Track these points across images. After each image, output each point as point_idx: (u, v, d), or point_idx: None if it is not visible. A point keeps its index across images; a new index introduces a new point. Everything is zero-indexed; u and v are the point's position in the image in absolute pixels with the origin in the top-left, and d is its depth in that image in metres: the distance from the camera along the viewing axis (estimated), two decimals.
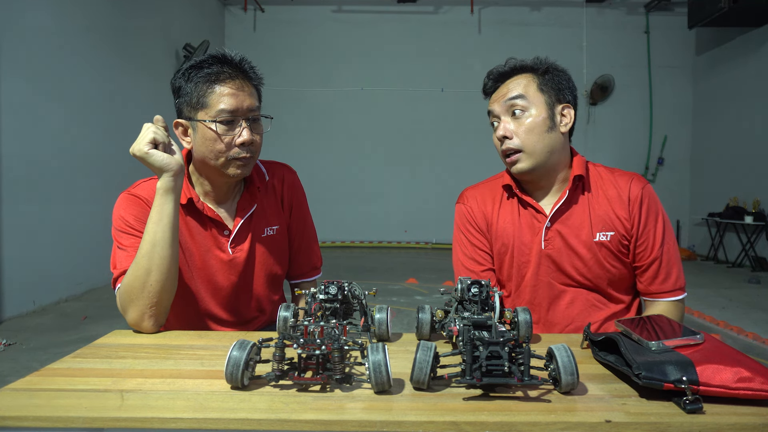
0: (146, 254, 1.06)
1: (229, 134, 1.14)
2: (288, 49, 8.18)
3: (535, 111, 1.20)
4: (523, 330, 0.94)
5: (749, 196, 6.53)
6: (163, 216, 1.07)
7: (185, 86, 1.16)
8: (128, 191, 1.22)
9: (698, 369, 0.71)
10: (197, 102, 1.14)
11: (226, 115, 1.13)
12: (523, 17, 8.21)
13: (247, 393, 0.75)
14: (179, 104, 1.19)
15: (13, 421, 0.67)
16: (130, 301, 1.06)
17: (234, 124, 1.15)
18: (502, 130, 1.21)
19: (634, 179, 1.24)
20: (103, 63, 5.01)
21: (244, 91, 1.15)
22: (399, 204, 8.28)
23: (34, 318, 3.87)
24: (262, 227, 1.29)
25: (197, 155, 1.19)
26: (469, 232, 1.34)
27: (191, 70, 1.16)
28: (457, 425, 0.66)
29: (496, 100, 1.24)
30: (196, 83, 1.15)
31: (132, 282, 1.06)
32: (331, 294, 0.97)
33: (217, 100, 1.13)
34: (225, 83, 1.14)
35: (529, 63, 1.24)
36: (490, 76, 1.27)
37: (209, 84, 1.14)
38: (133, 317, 1.06)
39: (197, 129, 1.16)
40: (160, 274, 1.06)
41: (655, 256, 1.21)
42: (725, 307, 4.36)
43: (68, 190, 4.50)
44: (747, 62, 6.75)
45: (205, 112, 1.14)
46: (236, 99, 1.14)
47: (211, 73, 1.14)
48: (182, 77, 1.17)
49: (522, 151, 1.20)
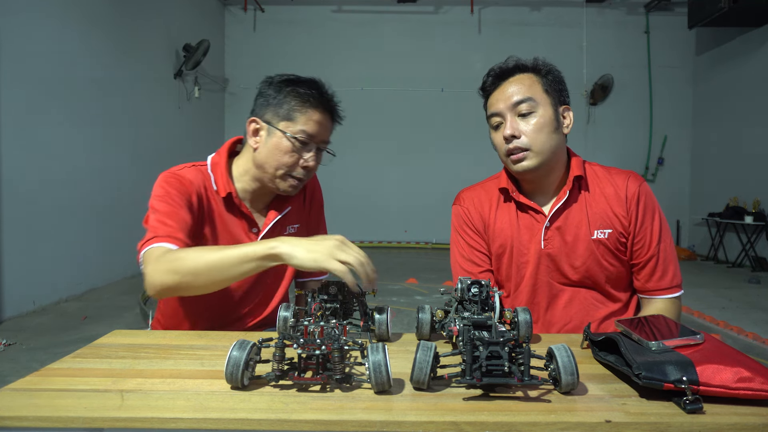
0: (206, 267, 1.00)
1: (300, 153, 1.20)
2: (288, 49, 8.18)
3: (542, 111, 1.19)
4: (523, 330, 0.94)
5: (749, 196, 6.53)
6: (245, 261, 0.99)
7: (276, 94, 1.21)
8: (171, 171, 1.21)
9: (698, 369, 0.71)
10: (286, 113, 1.19)
11: (305, 136, 1.19)
12: (523, 17, 8.21)
13: (247, 393, 0.75)
14: (261, 107, 1.23)
15: (13, 421, 0.67)
16: (160, 267, 1.01)
17: (307, 146, 1.21)
18: (510, 129, 1.19)
19: (631, 177, 1.25)
20: (103, 63, 5.01)
21: (328, 124, 1.24)
22: (399, 204, 8.28)
23: (34, 318, 3.87)
24: (285, 225, 1.34)
25: (260, 158, 1.22)
26: (466, 234, 1.34)
27: (288, 83, 1.21)
28: (457, 425, 0.66)
29: (501, 100, 1.22)
30: (292, 96, 1.19)
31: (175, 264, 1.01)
32: (331, 294, 0.97)
33: (305, 120, 1.19)
34: (318, 110, 1.20)
35: (530, 63, 1.24)
36: (490, 74, 1.26)
37: (304, 103, 1.19)
38: (154, 284, 1.02)
39: (273, 135, 1.20)
40: (198, 284, 1.01)
41: (652, 254, 1.22)
42: (725, 307, 4.36)
43: (68, 190, 4.49)
44: (747, 62, 6.75)
45: (288, 125, 1.19)
46: (320, 127, 1.21)
47: (309, 95, 1.20)
48: (275, 86, 1.22)
49: (529, 149, 1.19)
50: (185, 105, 6.85)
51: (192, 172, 1.22)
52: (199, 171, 1.24)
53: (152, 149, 5.92)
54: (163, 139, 6.21)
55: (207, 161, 1.27)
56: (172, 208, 1.13)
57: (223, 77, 8.23)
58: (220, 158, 1.27)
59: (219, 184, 1.23)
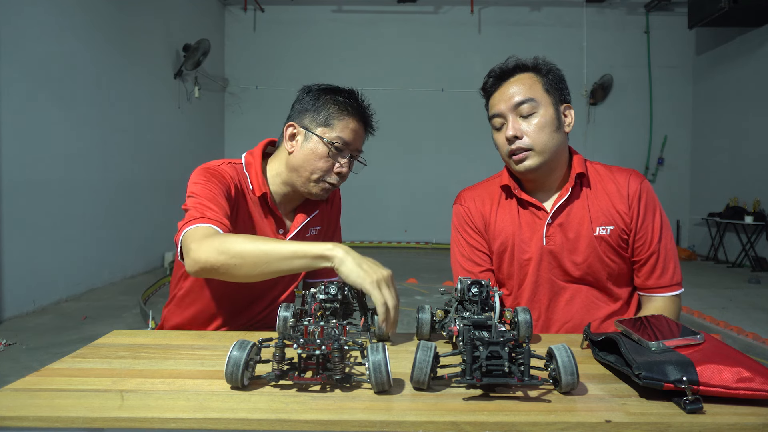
0: (256, 254, 0.99)
1: (335, 159, 1.23)
2: (288, 49, 8.18)
3: (543, 111, 1.20)
4: (523, 330, 0.94)
5: (749, 196, 6.53)
6: (297, 257, 0.99)
7: (315, 102, 1.24)
8: (208, 165, 1.22)
9: (698, 369, 0.71)
10: (324, 120, 1.23)
11: (341, 143, 1.22)
12: (523, 17, 8.21)
13: (247, 393, 0.75)
14: (299, 112, 1.26)
15: (13, 421, 0.67)
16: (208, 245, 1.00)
17: (342, 153, 1.24)
18: (512, 129, 1.20)
19: (633, 175, 1.26)
20: (104, 63, 5.01)
21: (362, 133, 1.28)
22: (399, 204, 8.29)
23: (34, 318, 3.87)
24: (308, 227, 1.36)
25: (295, 162, 1.24)
26: (466, 233, 1.35)
27: (326, 92, 1.25)
28: (457, 425, 0.66)
29: (502, 101, 1.22)
30: (331, 104, 1.23)
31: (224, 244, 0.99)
32: (331, 294, 0.97)
33: (342, 127, 1.22)
34: (354, 119, 1.24)
35: (530, 63, 1.24)
36: (491, 75, 1.26)
37: (342, 112, 1.23)
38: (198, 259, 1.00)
39: (310, 141, 1.23)
40: (243, 271, 1.00)
41: (652, 251, 1.22)
42: (725, 307, 4.36)
43: (68, 190, 4.49)
44: (747, 62, 6.75)
45: (324, 131, 1.22)
46: (356, 135, 1.25)
47: (347, 104, 1.24)
48: (314, 93, 1.26)
49: (532, 149, 1.20)
50: (185, 105, 6.86)
51: (229, 169, 1.24)
52: (235, 168, 1.26)
53: (152, 149, 5.93)
54: (163, 139, 6.22)
55: (242, 160, 1.29)
56: (214, 195, 1.14)
57: (223, 77, 8.23)
58: (255, 159, 1.28)
59: (255, 184, 1.25)
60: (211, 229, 1.04)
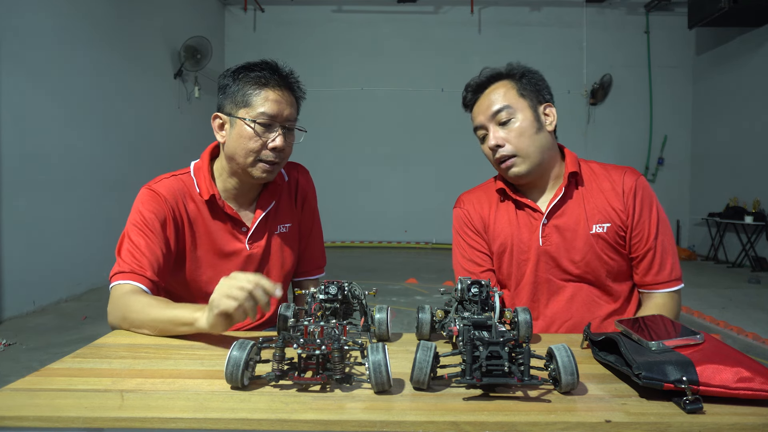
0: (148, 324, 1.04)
1: (264, 136, 1.19)
2: (288, 49, 8.17)
3: (521, 116, 1.22)
4: (523, 330, 0.94)
5: (749, 196, 6.53)
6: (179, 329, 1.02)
7: (232, 84, 1.21)
8: (149, 186, 1.24)
9: (698, 369, 0.71)
10: (242, 100, 1.19)
11: (266, 118, 1.18)
12: (523, 17, 8.21)
13: (247, 393, 0.75)
14: (222, 100, 1.24)
15: (13, 421, 0.67)
16: (114, 310, 1.10)
17: (271, 128, 1.20)
18: (493, 139, 1.23)
19: (628, 171, 1.26)
20: (104, 63, 5.01)
21: (287, 100, 1.21)
22: (399, 204, 8.28)
23: (34, 318, 3.87)
24: (276, 224, 1.34)
25: (228, 151, 1.22)
26: (466, 235, 1.36)
27: (241, 70, 1.21)
28: (457, 425, 0.66)
29: (480, 113, 1.26)
30: (244, 83, 1.19)
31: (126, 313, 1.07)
32: (331, 294, 0.97)
33: (261, 102, 1.18)
34: (271, 89, 1.19)
35: (504, 70, 1.27)
36: (468, 89, 1.30)
37: (256, 86, 1.19)
38: (110, 322, 1.11)
39: (235, 125, 1.20)
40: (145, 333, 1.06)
41: (649, 247, 1.22)
42: (725, 307, 4.36)
43: (68, 190, 4.50)
44: (747, 62, 6.75)
45: (247, 111, 1.19)
46: (279, 106, 1.19)
47: (260, 77, 1.19)
48: (231, 76, 1.22)
49: (516, 155, 1.22)
50: (185, 105, 6.85)
51: (171, 183, 1.24)
52: (180, 180, 1.25)
53: (152, 149, 5.92)
54: (163, 139, 6.21)
55: (190, 167, 1.29)
56: (145, 240, 1.15)
57: None
58: (203, 162, 1.28)
59: (202, 188, 1.24)
60: (124, 289, 1.10)
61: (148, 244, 1.15)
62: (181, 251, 1.23)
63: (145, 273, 1.12)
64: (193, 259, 1.25)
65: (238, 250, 1.28)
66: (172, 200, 1.21)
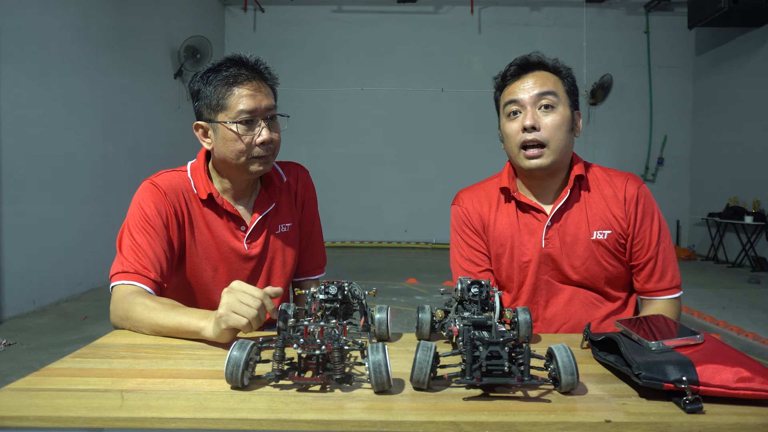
0: (149, 329, 1.04)
1: (249, 134, 1.17)
2: (288, 49, 8.17)
3: (562, 109, 1.20)
4: (523, 330, 0.94)
5: (749, 196, 6.53)
6: (180, 332, 1.02)
7: (204, 89, 1.19)
8: (151, 180, 1.23)
9: (698, 369, 0.71)
10: (217, 104, 1.17)
11: (246, 115, 1.16)
12: (523, 17, 8.21)
13: (247, 393, 0.75)
14: (198, 107, 1.22)
15: (13, 421, 0.67)
16: (117, 311, 1.10)
17: (253, 123, 1.18)
18: (530, 119, 1.18)
19: (630, 179, 1.26)
20: (104, 63, 5.01)
21: (262, 91, 1.19)
22: (399, 204, 8.28)
23: (34, 318, 3.87)
24: (276, 224, 1.33)
25: (218, 155, 1.22)
26: (465, 234, 1.34)
27: (209, 73, 1.19)
28: (457, 425, 0.66)
29: (523, 90, 1.20)
30: (215, 86, 1.17)
31: (129, 315, 1.06)
32: (331, 294, 0.97)
33: (236, 101, 1.16)
34: (243, 85, 1.17)
35: (551, 63, 1.24)
36: (514, 63, 1.25)
37: (228, 86, 1.17)
38: (113, 322, 1.11)
39: (218, 130, 1.19)
40: (146, 335, 1.06)
41: (650, 255, 1.22)
42: (725, 307, 4.36)
43: (68, 190, 4.50)
44: (747, 62, 6.75)
45: (225, 113, 1.17)
46: (254, 99, 1.17)
47: (229, 76, 1.17)
48: (200, 81, 1.20)
49: (546, 146, 1.18)
50: (185, 105, 6.85)
51: (170, 179, 1.23)
52: (180, 176, 1.25)
53: (152, 149, 5.92)
54: (163, 139, 6.21)
55: (187, 167, 1.28)
56: (147, 238, 1.15)
57: None
58: (199, 162, 1.28)
59: (199, 187, 1.24)
60: (127, 290, 1.09)
61: (150, 242, 1.14)
62: (181, 248, 1.23)
63: (149, 274, 1.12)
64: (193, 255, 1.25)
65: (237, 248, 1.28)
66: (173, 195, 1.21)
